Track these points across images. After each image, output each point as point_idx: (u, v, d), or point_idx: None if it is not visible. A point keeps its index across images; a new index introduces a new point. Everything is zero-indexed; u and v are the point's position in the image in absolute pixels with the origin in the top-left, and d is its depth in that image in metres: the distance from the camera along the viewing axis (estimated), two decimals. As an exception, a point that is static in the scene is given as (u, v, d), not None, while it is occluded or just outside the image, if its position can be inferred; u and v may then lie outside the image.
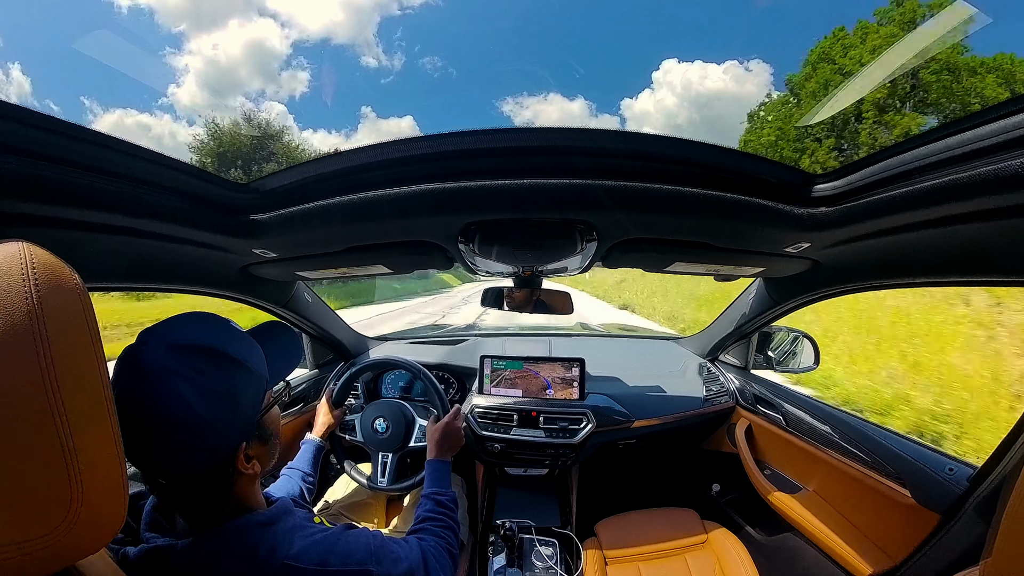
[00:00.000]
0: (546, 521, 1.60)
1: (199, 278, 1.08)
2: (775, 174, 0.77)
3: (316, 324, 1.68)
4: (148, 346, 0.54)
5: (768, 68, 19.14)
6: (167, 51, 43.07)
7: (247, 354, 0.62)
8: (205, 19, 44.36)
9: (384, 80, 35.72)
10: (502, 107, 44.58)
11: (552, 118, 41.37)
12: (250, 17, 39.56)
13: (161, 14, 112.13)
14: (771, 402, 1.58)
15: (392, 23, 40.73)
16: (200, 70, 34.39)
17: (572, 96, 47.53)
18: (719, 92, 21.43)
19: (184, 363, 0.54)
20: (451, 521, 1.00)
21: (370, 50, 36.76)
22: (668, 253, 1.01)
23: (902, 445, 1.14)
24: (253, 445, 0.63)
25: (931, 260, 0.83)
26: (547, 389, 1.64)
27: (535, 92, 41.78)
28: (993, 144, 0.52)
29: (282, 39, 34.55)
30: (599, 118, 37.20)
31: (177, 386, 0.53)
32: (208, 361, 0.56)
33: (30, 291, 0.35)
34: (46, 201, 0.58)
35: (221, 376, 0.57)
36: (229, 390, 0.58)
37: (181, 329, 0.58)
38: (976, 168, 0.54)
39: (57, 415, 0.36)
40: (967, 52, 20.83)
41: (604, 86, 45.61)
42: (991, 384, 4.30)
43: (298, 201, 0.81)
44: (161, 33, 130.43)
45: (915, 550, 1.04)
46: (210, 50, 35.09)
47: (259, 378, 0.63)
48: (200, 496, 0.60)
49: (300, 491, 1.12)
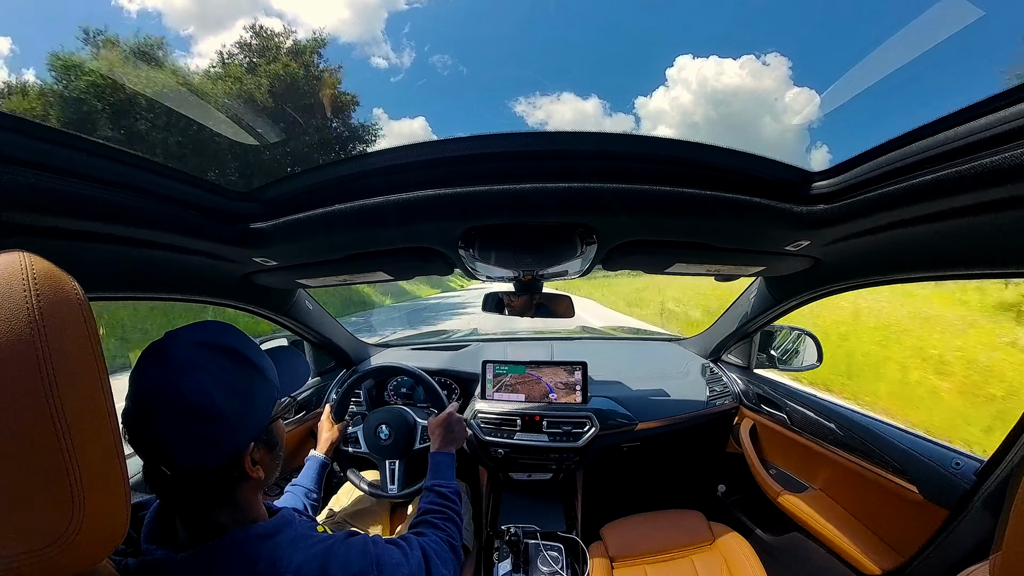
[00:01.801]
0: (551, 526, 1.59)
1: (200, 287, 1.08)
2: (773, 173, 0.77)
3: (317, 332, 1.68)
4: (175, 341, 0.58)
5: (786, 61, 18.53)
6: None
7: (264, 362, 0.66)
8: (211, 21, 44.09)
9: (394, 79, 35.14)
10: (515, 108, 44.22)
11: (566, 118, 40.99)
12: (256, 17, 38.90)
13: (169, 16, 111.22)
14: (775, 401, 1.58)
15: (399, 19, 40.25)
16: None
17: (586, 96, 47.09)
18: (736, 88, 21.08)
19: (208, 359, 0.58)
20: (453, 513, 0.99)
21: (379, 48, 36.24)
22: (668, 254, 1.01)
23: (907, 440, 1.14)
24: (260, 449, 0.64)
25: (931, 254, 0.83)
26: (550, 393, 1.64)
27: (548, 92, 41.16)
28: (988, 137, 0.52)
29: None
30: (613, 117, 36.46)
31: (200, 377, 0.56)
32: (230, 360, 0.60)
33: (31, 301, 0.35)
34: (46, 211, 0.58)
35: (240, 375, 0.61)
36: (247, 389, 0.61)
37: (206, 331, 0.61)
38: (973, 162, 0.54)
39: (58, 425, 0.35)
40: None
41: (617, 85, 44.92)
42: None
43: (298, 209, 0.81)
44: (170, 36, 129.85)
45: (924, 546, 1.04)
46: (217, 53, 34.20)
47: (272, 386, 0.66)
48: (203, 495, 0.60)
49: (304, 507, 1.12)
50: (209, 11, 29.14)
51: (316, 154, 20.43)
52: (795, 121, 47.96)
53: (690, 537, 1.46)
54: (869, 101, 61.01)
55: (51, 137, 0.54)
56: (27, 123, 0.51)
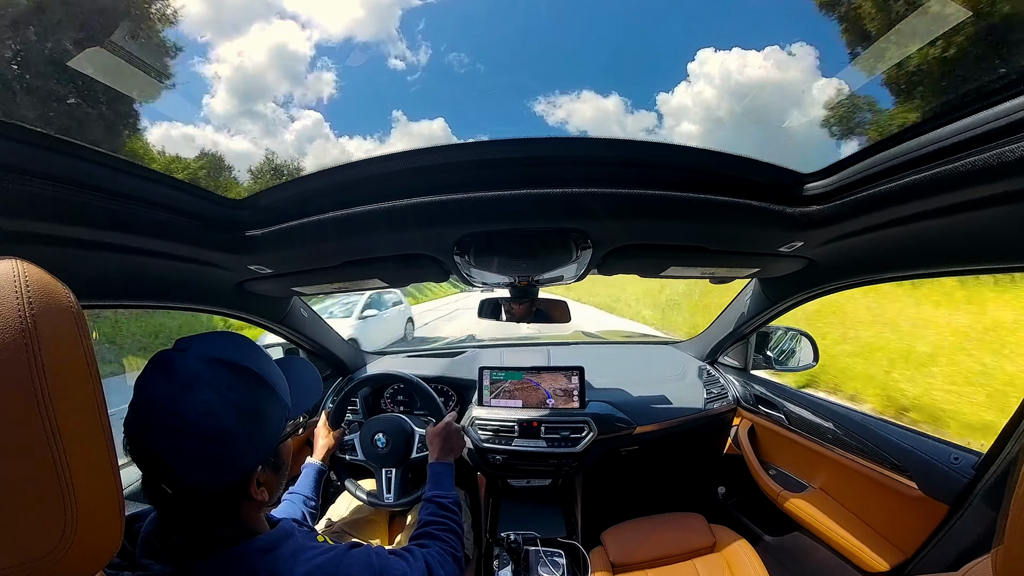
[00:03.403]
0: (551, 532, 1.57)
1: (194, 295, 1.07)
2: (766, 175, 0.78)
3: (313, 340, 1.67)
4: (185, 354, 0.55)
5: (813, 51, 17.86)
6: (196, 60, 41.78)
7: (276, 380, 0.63)
8: (228, 26, 43.19)
9: (411, 77, 33.70)
10: (534, 107, 42.07)
11: (586, 116, 39.27)
12: (270, 21, 38.65)
13: (185, 23, 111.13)
14: (772, 402, 1.58)
15: (414, 15, 38.36)
16: (229, 77, 33.17)
17: (606, 93, 45.09)
18: (761, 81, 20.20)
19: (217, 376, 0.55)
20: (454, 524, 0.98)
21: (395, 47, 35.23)
22: (662, 258, 1.02)
23: (905, 437, 1.14)
24: (266, 471, 0.62)
25: (923, 252, 0.84)
26: (547, 399, 1.63)
27: (567, 90, 39.04)
28: (976, 135, 0.53)
29: (304, 41, 33.44)
30: (635, 114, 35.01)
31: (207, 395, 0.53)
32: (240, 379, 0.57)
33: (23, 310, 0.35)
34: (39, 218, 0.58)
35: (251, 395, 0.58)
36: (257, 409, 0.58)
37: (218, 344, 0.59)
38: (961, 160, 0.55)
39: (50, 435, 0.35)
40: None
41: (637, 81, 42.34)
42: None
43: (292, 217, 0.81)
44: (188, 44, 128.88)
45: (926, 542, 1.04)
46: (236, 57, 34.07)
47: (284, 405, 0.64)
48: (204, 515, 0.58)
49: (303, 515, 1.11)
50: (224, 17, 28.75)
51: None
52: (824, 112, 46.64)
53: (691, 540, 1.45)
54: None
55: (44, 144, 0.53)
56: (20, 129, 0.51)
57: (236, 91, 19.59)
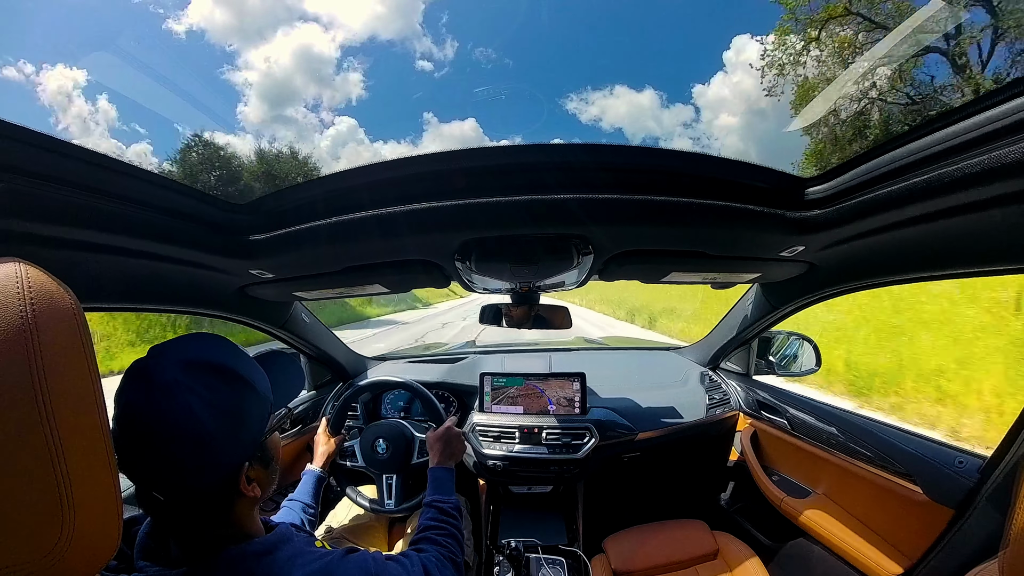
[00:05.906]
0: (552, 539, 1.56)
1: (196, 299, 1.07)
2: (766, 180, 0.78)
3: (314, 345, 1.66)
4: (160, 360, 0.55)
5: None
6: (225, 68, 42.64)
7: (255, 376, 0.63)
8: (252, 33, 43.78)
9: (438, 74, 34.14)
10: (566, 105, 42.49)
11: (620, 113, 39.39)
12: (293, 24, 39.14)
13: (211, 33, 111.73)
14: (775, 407, 1.57)
15: (437, 7, 39.28)
16: (258, 83, 33.83)
17: (640, 88, 45.23)
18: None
19: (195, 378, 0.55)
20: (454, 528, 0.98)
21: (419, 43, 35.73)
22: (664, 264, 1.02)
23: (909, 441, 1.13)
24: (255, 467, 0.63)
25: (924, 255, 0.84)
26: (549, 405, 1.63)
27: (600, 86, 39.52)
28: (976, 137, 0.54)
29: (329, 42, 33.86)
30: (671, 109, 34.98)
31: (187, 399, 0.53)
32: (219, 378, 0.57)
33: (25, 311, 0.35)
34: (42, 220, 0.58)
35: (230, 394, 0.58)
36: (237, 408, 0.58)
37: (193, 346, 0.59)
38: (961, 162, 0.56)
39: (50, 436, 0.35)
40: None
41: (671, 73, 42.47)
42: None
43: (295, 222, 0.81)
44: (216, 53, 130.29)
45: (931, 547, 1.03)
46: (263, 63, 35.09)
47: (265, 400, 0.64)
48: (198, 517, 0.58)
49: (301, 522, 1.10)
50: (247, 24, 29.20)
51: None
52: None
53: (694, 547, 1.44)
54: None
55: (48, 146, 0.54)
56: (22, 131, 0.51)
57: (266, 96, 19.73)
